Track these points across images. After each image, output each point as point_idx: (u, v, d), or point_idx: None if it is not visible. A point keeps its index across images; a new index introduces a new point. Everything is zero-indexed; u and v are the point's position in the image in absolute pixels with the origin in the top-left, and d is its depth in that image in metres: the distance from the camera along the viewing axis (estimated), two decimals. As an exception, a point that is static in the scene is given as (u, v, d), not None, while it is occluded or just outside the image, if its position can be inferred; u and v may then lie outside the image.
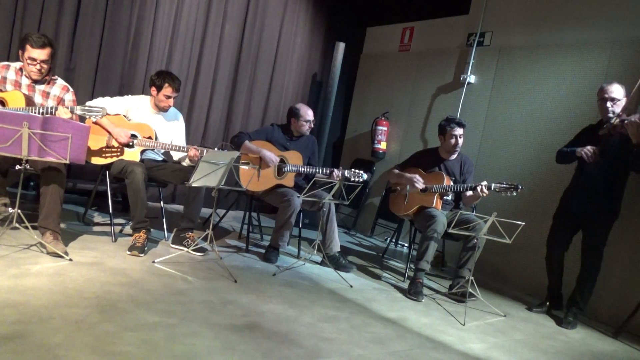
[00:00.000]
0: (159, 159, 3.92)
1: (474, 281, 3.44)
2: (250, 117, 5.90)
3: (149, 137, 3.69)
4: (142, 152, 3.70)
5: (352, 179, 3.93)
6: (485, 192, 3.64)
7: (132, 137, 3.67)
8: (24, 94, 3.23)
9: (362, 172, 3.96)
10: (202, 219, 4.66)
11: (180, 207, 4.82)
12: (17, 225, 2.90)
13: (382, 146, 5.83)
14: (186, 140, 4.09)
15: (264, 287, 3.23)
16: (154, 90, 3.74)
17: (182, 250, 3.59)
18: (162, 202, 4.13)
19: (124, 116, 3.73)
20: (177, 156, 3.93)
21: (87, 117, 3.20)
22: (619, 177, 3.44)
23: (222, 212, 4.97)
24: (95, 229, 3.86)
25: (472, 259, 3.68)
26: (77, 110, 3.18)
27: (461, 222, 3.63)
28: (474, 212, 4.15)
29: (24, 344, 1.94)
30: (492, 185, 3.65)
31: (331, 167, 4.08)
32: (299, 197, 3.82)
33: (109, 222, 3.72)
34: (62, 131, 2.82)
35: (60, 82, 3.46)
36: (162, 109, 3.82)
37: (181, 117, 4.03)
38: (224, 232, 4.64)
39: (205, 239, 3.47)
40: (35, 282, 2.57)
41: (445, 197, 3.97)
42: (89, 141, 3.30)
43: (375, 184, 5.99)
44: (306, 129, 4.19)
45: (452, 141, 3.94)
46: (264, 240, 4.54)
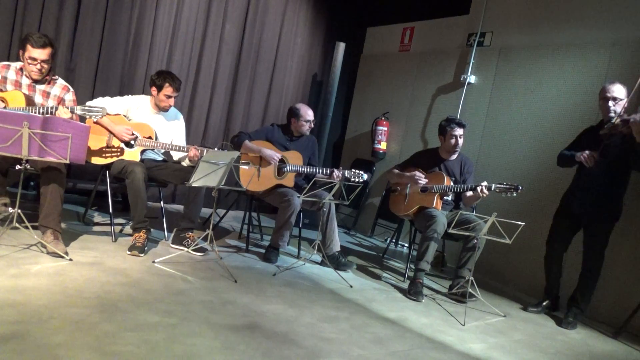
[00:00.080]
0: (159, 159, 3.92)
1: (474, 281, 3.44)
2: (250, 117, 5.91)
3: (149, 137, 3.69)
4: (142, 152, 3.70)
5: (352, 179, 3.94)
6: (485, 193, 3.64)
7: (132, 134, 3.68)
8: (25, 94, 3.23)
9: (362, 172, 3.97)
10: (202, 219, 4.66)
11: (180, 207, 4.82)
12: (17, 225, 2.90)
13: (382, 146, 5.83)
14: (186, 140, 4.09)
15: (264, 287, 3.23)
16: (154, 90, 3.74)
17: (182, 250, 3.59)
18: (162, 202, 4.13)
19: (124, 116, 3.73)
20: (177, 156, 3.93)
21: (88, 117, 3.20)
22: (620, 177, 3.44)
23: (222, 212, 4.97)
24: (95, 228, 3.86)
25: (472, 259, 3.68)
26: (78, 110, 3.18)
27: (461, 222, 3.64)
28: (474, 212, 4.15)
29: (24, 344, 1.94)
30: (493, 185, 3.65)
31: (331, 167, 4.08)
32: (299, 197, 3.82)
33: (109, 222, 3.73)
34: (62, 131, 2.82)
35: (60, 82, 3.46)
36: (162, 109, 3.82)
37: (181, 117, 4.03)
38: (224, 232, 4.64)
39: (205, 239, 3.47)
40: (35, 282, 2.57)
41: (445, 198, 3.97)
42: (89, 141, 3.31)
43: (375, 184, 5.99)
44: (306, 129, 4.19)
45: (452, 141, 3.94)
46: (264, 240, 4.54)
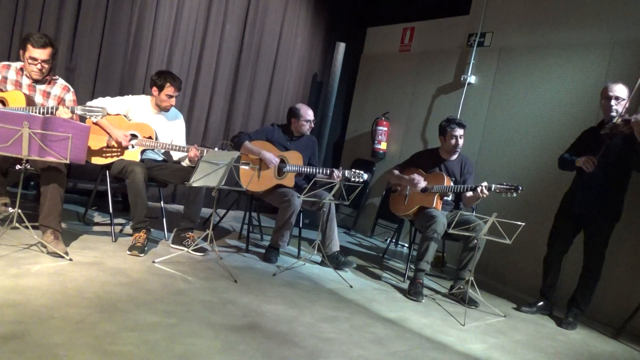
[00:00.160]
0: (159, 159, 3.92)
1: (474, 282, 3.44)
2: (250, 117, 5.91)
3: (149, 137, 3.69)
4: (142, 152, 3.70)
5: (353, 179, 3.94)
6: (485, 193, 3.64)
7: (132, 136, 3.67)
8: (25, 94, 3.23)
9: (362, 172, 3.97)
10: (202, 219, 4.66)
11: (180, 207, 4.82)
12: (17, 225, 2.90)
13: (383, 146, 5.83)
14: (186, 140, 4.08)
15: (264, 287, 3.23)
16: (155, 90, 3.74)
17: (182, 250, 3.59)
18: (162, 202, 4.13)
19: (125, 116, 3.73)
20: (176, 156, 3.93)
21: (88, 117, 3.20)
22: (620, 177, 3.44)
23: (222, 212, 4.97)
24: (95, 228, 3.86)
25: (472, 260, 3.68)
26: (78, 110, 3.18)
27: (461, 222, 3.64)
28: (474, 212, 4.15)
29: (24, 344, 1.94)
30: (493, 186, 3.65)
31: (331, 167, 4.08)
32: (299, 197, 3.82)
33: (109, 222, 3.73)
34: (62, 131, 2.82)
35: (60, 82, 3.46)
36: (164, 109, 3.82)
37: (181, 117, 4.03)
38: (224, 232, 4.64)
39: (205, 239, 3.47)
40: (35, 282, 2.57)
41: (445, 198, 3.97)
42: (90, 141, 3.31)
43: (375, 184, 5.99)
44: (307, 128, 4.19)
45: (453, 142, 3.94)
46: (264, 240, 4.54)
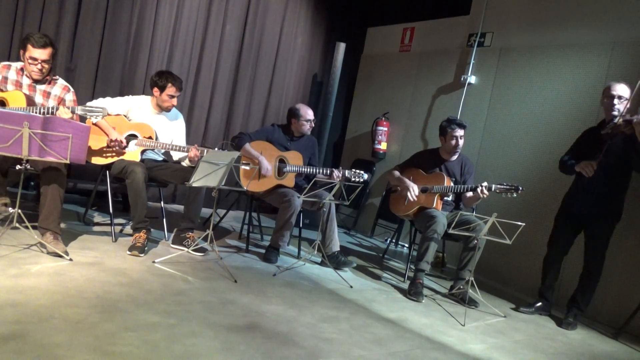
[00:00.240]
0: (159, 159, 3.92)
1: (474, 282, 3.44)
2: (250, 118, 5.91)
3: (149, 137, 3.69)
4: (143, 152, 3.70)
5: (353, 178, 3.94)
6: (485, 193, 3.64)
7: (131, 137, 3.67)
8: (25, 94, 3.23)
9: (362, 171, 3.97)
10: (202, 219, 4.66)
11: (180, 207, 4.82)
12: (17, 225, 2.90)
13: (383, 146, 5.83)
14: (186, 140, 4.08)
15: (264, 287, 3.23)
16: (156, 91, 3.73)
17: (182, 250, 3.59)
18: (162, 202, 4.13)
19: (125, 116, 3.73)
20: (177, 156, 3.93)
21: (88, 117, 3.20)
22: (620, 178, 3.44)
23: (222, 212, 4.97)
24: (95, 229, 3.86)
25: (472, 260, 3.68)
26: (78, 110, 3.18)
27: (461, 222, 3.64)
28: (474, 212, 4.15)
29: (24, 344, 1.94)
30: (493, 186, 3.65)
31: (331, 167, 4.08)
32: (299, 198, 3.82)
33: (109, 222, 3.73)
34: (62, 131, 2.82)
35: (61, 82, 3.46)
36: (165, 109, 3.81)
37: (181, 117, 4.02)
38: (224, 232, 4.64)
39: (205, 239, 3.47)
40: (35, 282, 2.57)
41: (445, 198, 3.97)
42: (90, 141, 3.31)
43: (375, 185, 5.99)
44: (307, 128, 4.19)
45: (453, 142, 3.94)
46: (264, 240, 4.54)
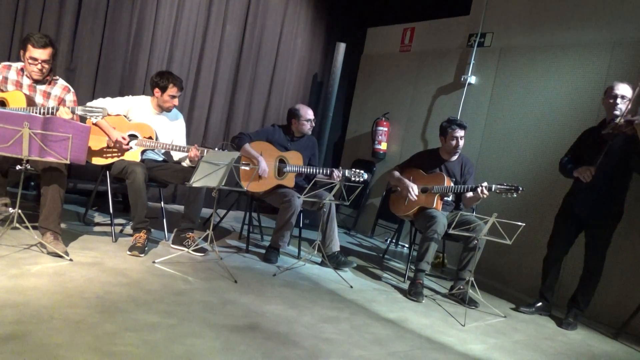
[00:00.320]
0: (159, 159, 3.92)
1: (474, 282, 3.44)
2: (250, 118, 5.91)
3: (150, 137, 3.69)
4: (143, 152, 3.70)
5: (353, 178, 3.94)
6: (485, 193, 3.64)
7: (132, 137, 3.67)
8: (25, 94, 3.23)
9: (362, 171, 3.97)
10: (202, 219, 4.66)
11: (180, 208, 4.82)
12: (17, 225, 2.90)
13: (383, 147, 5.83)
14: (187, 140, 4.08)
15: (264, 287, 3.23)
16: (157, 92, 3.72)
17: (183, 250, 3.59)
18: (162, 202, 4.13)
19: (125, 116, 3.73)
20: (177, 156, 3.93)
21: (88, 117, 3.20)
22: (621, 178, 3.43)
23: (222, 212, 4.97)
24: (95, 229, 3.86)
25: (472, 260, 3.68)
26: (78, 110, 3.18)
27: (461, 223, 3.64)
28: (474, 213, 4.15)
29: (24, 344, 1.94)
30: (493, 186, 3.65)
31: (331, 167, 4.08)
32: (299, 198, 3.82)
33: (110, 222, 3.73)
34: (62, 131, 2.82)
35: (61, 82, 3.46)
36: (166, 110, 3.81)
37: (181, 118, 4.02)
38: (225, 232, 4.64)
39: (205, 239, 3.47)
40: (35, 282, 2.57)
41: (445, 198, 3.97)
42: (90, 141, 3.31)
43: (375, 185, 5.99)
44: (308, 128, 4.19)
45: (453, 142, 3.94)
46: (264, 240, 4.54)
